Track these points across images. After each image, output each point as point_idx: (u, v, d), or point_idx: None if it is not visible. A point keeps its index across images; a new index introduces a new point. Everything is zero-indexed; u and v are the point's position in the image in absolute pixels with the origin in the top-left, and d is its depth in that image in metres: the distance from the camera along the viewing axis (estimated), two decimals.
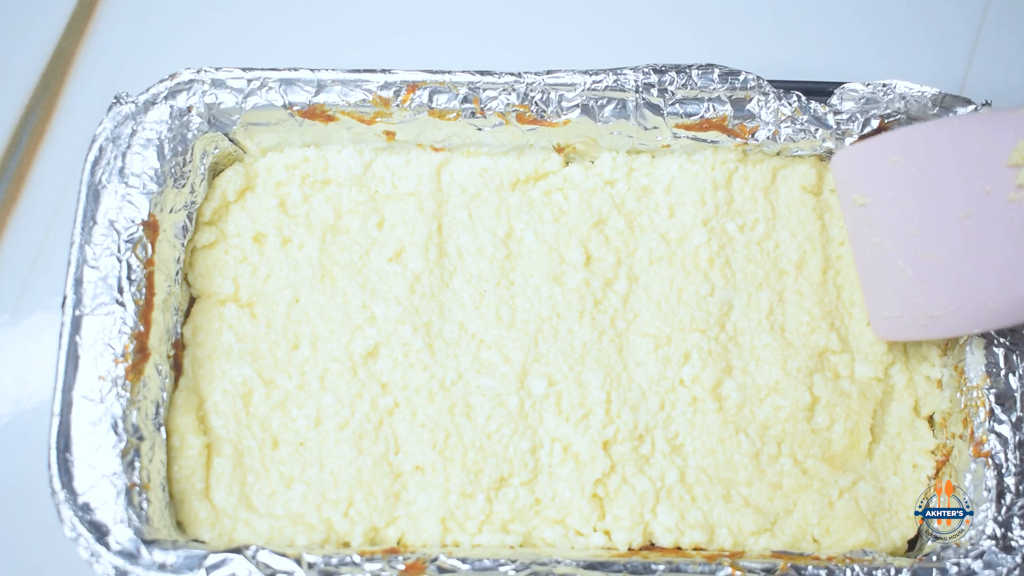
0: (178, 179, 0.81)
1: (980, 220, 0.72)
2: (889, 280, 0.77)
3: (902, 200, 0.76)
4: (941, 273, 0.74)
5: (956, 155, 0.73)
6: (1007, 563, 0.71)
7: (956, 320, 0.74)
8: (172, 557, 0.71)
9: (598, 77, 0.83)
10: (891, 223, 0.77)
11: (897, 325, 0.77)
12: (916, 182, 0.75)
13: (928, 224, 0.75)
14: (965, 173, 0.73)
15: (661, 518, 0.77)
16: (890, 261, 0.77)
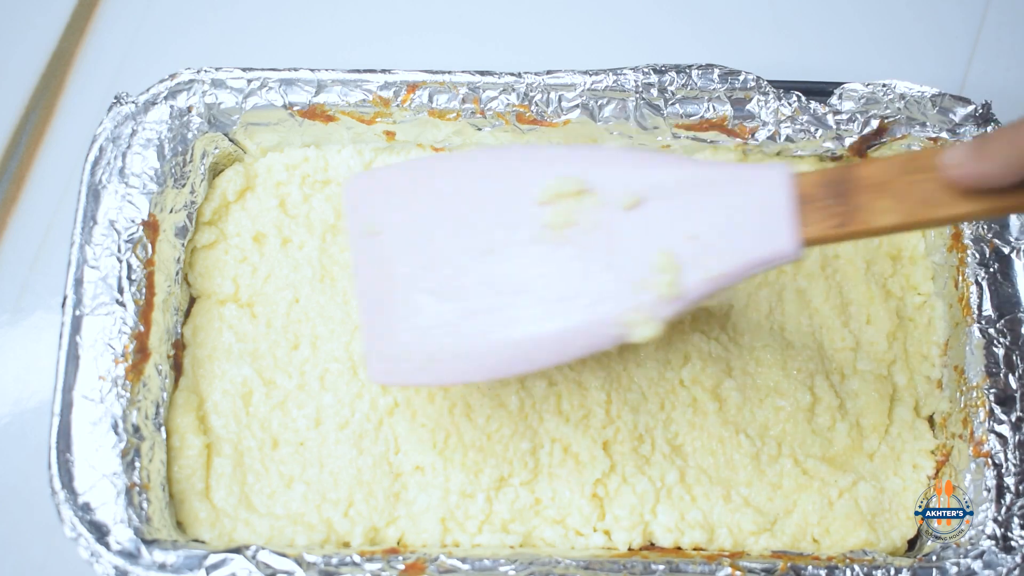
0: (178, 179, 0.81)
1: (501, 259, 0.67)
2: (394, 317, 0.68)
3: (419, 232, 0.69)
4: (451, 313, 0.67)
5: (483, 189, 0.68)
6: (1007, 563, 0.71)
7: (456, 365, 0.67)
8: (172, 557, 0.71)
9: (598, 77, 0.83)
10: (405, 256, 0.69)
11: (395, 369, 0.69)
12: (436, 214, 0.69)
13: (445, 259, 0.68)
14: (491, 208, 0.67)
15: (661, 518, 0.77)
16: (398, 297, 0.69)
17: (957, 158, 0.58)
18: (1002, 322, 0.77)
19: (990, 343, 0.77)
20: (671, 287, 0.62)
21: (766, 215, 0.62)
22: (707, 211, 0.63)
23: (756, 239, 0.62)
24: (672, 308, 0.63)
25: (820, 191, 0.62)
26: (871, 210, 0.60)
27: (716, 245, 0.62)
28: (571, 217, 0.65)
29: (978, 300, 0.78)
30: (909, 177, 0.60)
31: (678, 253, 0.63)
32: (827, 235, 0.61)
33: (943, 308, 0.83)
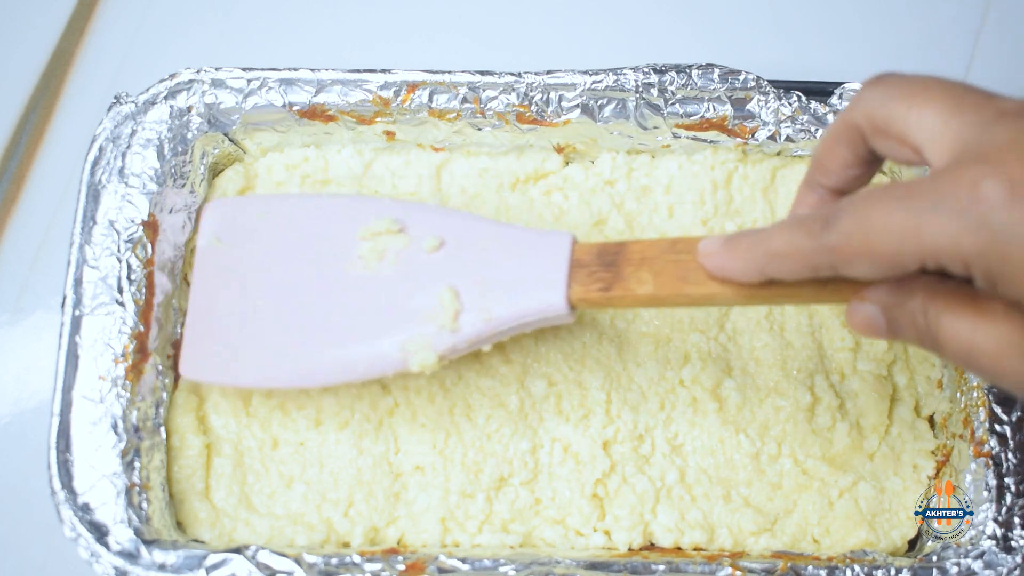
0: (178, 179, 0.81)
1: (317, 283, 0.75)
2: (216, 321, 0.77)
3: (256, 250, 0.78)
4: (265, 324, 0.76)
5: (319, 223, 0.78)
6: (1007, 563, 0.71)
7: (259, 371, 0.75)
8: (172, 557, 0.71)
9: (598, 77, 0.83)
10: (238, 270, 0.78)
11: (204, 367, 0.77)
12: (274, 240, 0.78)
13: (270, 279, 0.77)
14: (321, 240, 0.77)
15: (661, 518, 0.77)
16: (223, 306, 0.77)
17: (710, 247, 0.62)
18: None
19: None
20: (449, 321, 0.69)
21: (543, 273, 0.69)
22: (495, 263, 0.71)
23: (530, 293, 0.69)
24: (447, 342, 0.70)
25: (593, 259, 0.68)
26: (633, 279, 0.66)
27: (495, 292, 0.70)
28: (381, 253, 0.73)
29: None
30: (671, 256, 0.65)
31: (462, 293, 0.70)
32: (591, 297, 0.67)
33: None
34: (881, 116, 0.56)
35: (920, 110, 0.54)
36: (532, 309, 0.69)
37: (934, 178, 0.50)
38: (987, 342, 0.51)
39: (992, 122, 0.50)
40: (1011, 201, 0.47)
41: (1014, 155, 0.48)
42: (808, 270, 0.55)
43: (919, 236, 0.49)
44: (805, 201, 0.64)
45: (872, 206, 0.51)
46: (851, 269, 0.53)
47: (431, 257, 0.73)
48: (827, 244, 0.53)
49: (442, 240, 0.73)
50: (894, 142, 0.56)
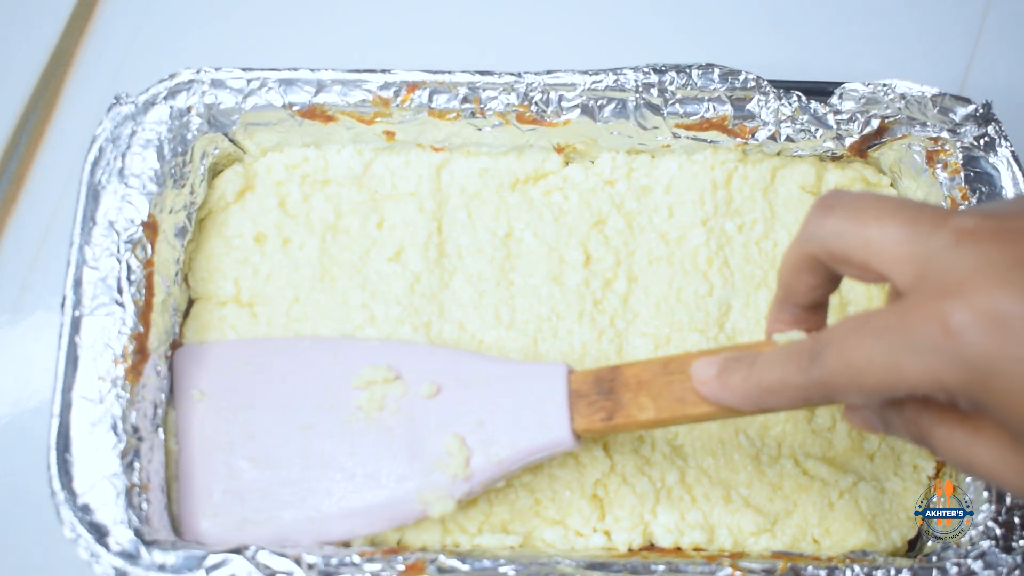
0: (178, 180, 0.81)
1: (318, 435, 0.75)
2: (214, 481, 0.76)
3: (245, 403, 0.77)
4: (269, 480, 0.75)
5: (306, 371, 0.78)
6: (1007, 563, 0.71)
7: (269, 529, 0.74)
8: (172, 558, 0.71)
9: (598, 77, 0.83)
10: (228, 424, 0.77)
11: (211, 529, 0.75)
12: (261, 389, 0.78)
13: (267, 430, 0.76)
14: (312, 389, 0.77)
15: (661, 519, 0.77)
16: (220, 462, 0.76)
17: (703, 374, 0.64)
18: None
19: None
20: (461, 469, 0.71)
21: (543, 407, 0.71)
22: (494, 402, 0.72)
23: (534, 429, 0.70)
24: (463, 488, 0.72)
25: (591, 388, 0.70)
26: (633, 406, 0.68)
27: (500, 433, 0.71)
28: (380, 402, 0.74)
29: None
30: (666, 378, 0.67)
31: (467, 438, 0.72)
32: (595, 427, 0.69)
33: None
34: (839, 248, 0.57)
35: (877, 237, 0.54)
36: (538, 446, 0.71)
37: (905, 312, 0.50)
38: (981, 456, 0.53)
39: (951, 247, 0.50)
40: (982, 334, 0.47)
41: (977, 284, 0.48)
42: (801, 401, 0.58)
43: (900, 373, 0.50)
44: (779, 319, 0.66)
45: (853, 343, 0.52)
46: (842, 398, 0.55)
47: (430, 403, 0.74)
48: (816, 380, 0.55)
49: (439, 385, 0.74)
50: (856, 270, 0.57)
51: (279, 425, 0.76)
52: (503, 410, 0.72)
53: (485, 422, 0.72)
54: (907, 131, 0.83)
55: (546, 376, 0.72)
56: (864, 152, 0.85)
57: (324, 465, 0.75)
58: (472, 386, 0.74)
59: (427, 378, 0.75)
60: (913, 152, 0.83)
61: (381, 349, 0.78)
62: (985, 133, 0.82)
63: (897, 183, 0.87)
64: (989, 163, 0.81)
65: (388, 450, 0.74)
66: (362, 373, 0.76)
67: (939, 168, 0.82)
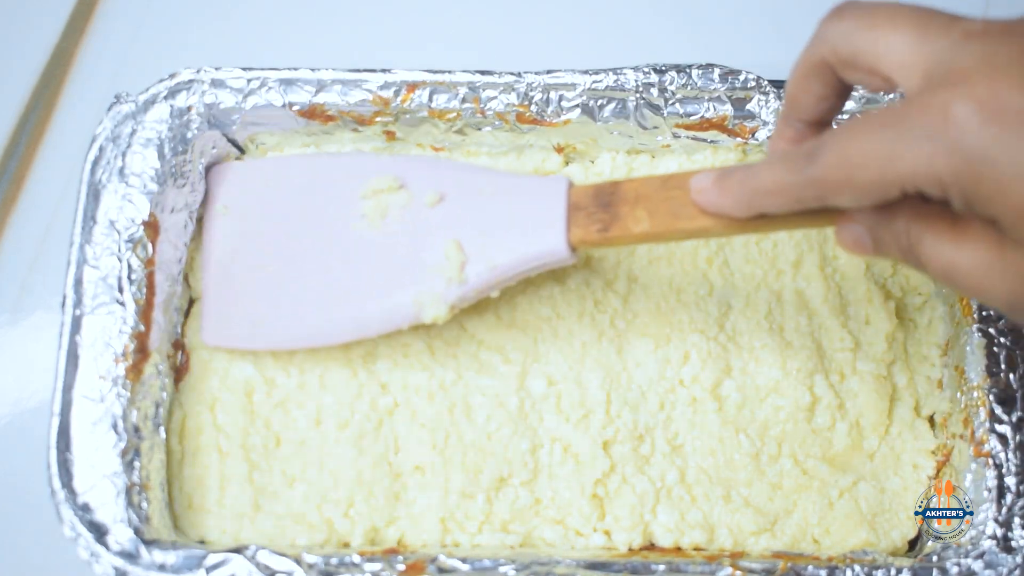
0: (178, 179, 0.81)
1: (327, 243, 0.78)
2: (231, 287, 0.79)
3: (263, 215, 0.81)
4: (281, 287, 0.78)
5: (322, 183, 0.80)
6: (1007, 563, 0.71)
7: (281, 333, 0.78)
8: (172, 557, 0.71)
9: (598, 77, 0.83)
10: (245, 234, 0.80)
11: (227, 333, 0.79)
12: (281, 202, 0.81)
13: (280, 242, 0.79)
14: (325, 201, 0.79)
15: (661, 518, 0.77)
16: (237, 271, 0.80)
17: (701, 183, 0.64)
18: (1003, 322, 0.77)
19: (991, 343, 0.77)
20: (457, 273, 0.72)
21: (542, 218, 0.71)
22: (495, 211, 0.73)
23: (531, 238, 0.71)
24: (456, 293, 0.73)
25: (590, 201, 0.70)
26: (630, 219, 0.68)
27: (498, 241, 0.72)
28: (384, 210, 0.76)
29: None
30: (664, 193, 0.67)
31: (465, 244, 0.72)
32: (591, 238, 0.69)
33: (943, 309, 0.83)
34: (848, 50, 0.57)
35: (887, 40, 0.55)
36: (534, 254, 0.71)
37: (907, 104, 0.51)
38: (965, 262, 0.53)
39: (959, 44, 0.52)
40: (981, 122, 0.48)
41: (981, 76, 0.49)
42: (795, 203, 0.57)
43: (896, 163, 0.51)
44: (783, 136, 0.66)
45: (851, 138, 0.53)
46: (836, 199, 0.55)
47: (433, 211, 0.75)
48: (811, 178, 0.55)
49: (442, 194, 0.75)
50: (864, 74, 0.58)
51: (292, 236, 0.79)
52: (503, 220, 0.73)
53: (485, 231, 0.73)
54: None
55: (547, 188, 0.72)
56: None
57: (329, 271, 0.77)
58: (475, 196, 0.74)
59: (431, 187, 0.75)
60: None
61: (390, 161, 0.80)
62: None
63: None
64: None
65: (387, 257, 0.75)
66: (370, 183, 0.77)
67: None
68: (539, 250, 0.71)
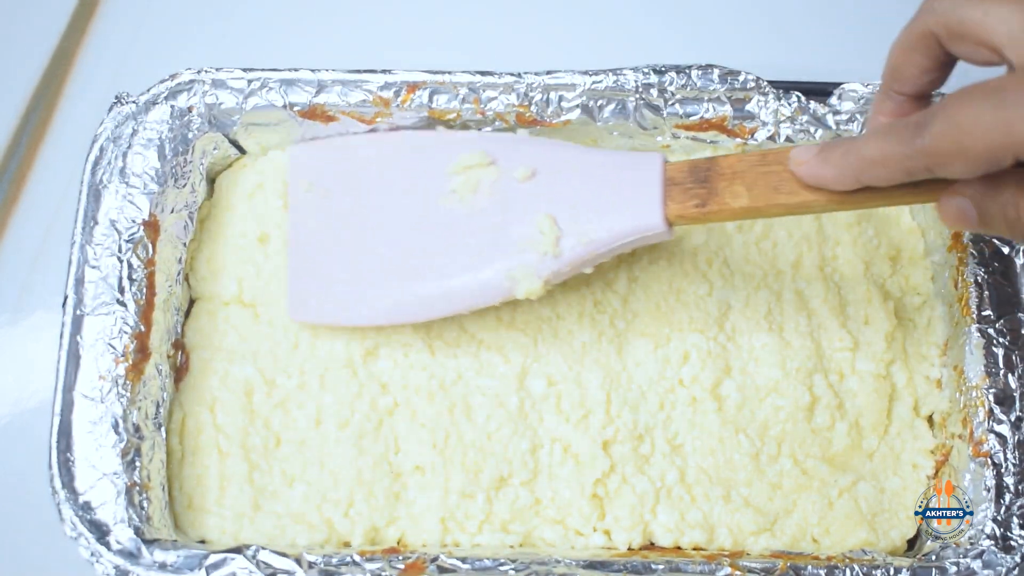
0: (179, 179, 0.81)
1: (416, 218, 0.78)
2: (318, 265, 0.80)
3: (350, 193, 0.81)
4: (371, 261, 0.78)
5: (407, 161, 0.80)
6: (1007, 563, 0.71)
7: (374, 307, 0.78)
8: (172, 557, 0.71)
9: (598, 77, 0.83)
10: (334, 213, 0.81)
11: (316, 308, 0.79)
12: (366, 179, 0.81)
13: (368, 218, 0.79)
14: (412, 177, 0.79)
15: (661, 518, 0.77)
16: (324, 248, 0.80)
17: (802, 156, 0.64)
18: (1001, 322, 0.78)
19: (990, 343, 0.77)
20: (552, 247, 0.71)
21: (638, 193, 0.71)
22: (588, 187, 0.72)
23: (627, 213, 0.71)
24: (551, 267, 0.72)
25: (686, 176, 0.70)
26: (727, 193, 0.68)
27: (592, 215, 0.72)
28: (475, 185, 0.76)
29: (978, 300, 0.78)
30: (762, 168, 0.67)
31: (559, 219, 0.72)
32: (688, 213, 0.69)
33: (943, 309, 0.83)
34: (955, 21, 0.58)
35: (997, 11, 0.55)
36: (631, 229, 0.71)
37: (1019, 75, 0.52)
38: None
39: None
40: None
41: None
42: (903, 174, 0.57)
43: (1010, 131, 0.51)
44: (883, 109, 0.66)
45: (962, 107, 0.53)
46: (946, 170, 0.55)
47: (524, 186, 0.75)
48: (921, 148, 0.55)
49: (534, 169, 0.75)
50: (971, 45, 0.58)
51: (380, 212, 0.79)
52: (597, 194, 0.73)
53: (578, 205, 0.73)
54: None
55: (642, 164, 0.72)
56: None
57: (418, 246, 0.77)
58: (567, 171, 0.75)
59: (523, 163, 0.76)
60: None
61: (477, 137, 0.80)
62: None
63: None
64: None
65: (477, 231, 0.75)
66: (459, 159, 0.77)
67: None
68: (635, 225, 0.71)
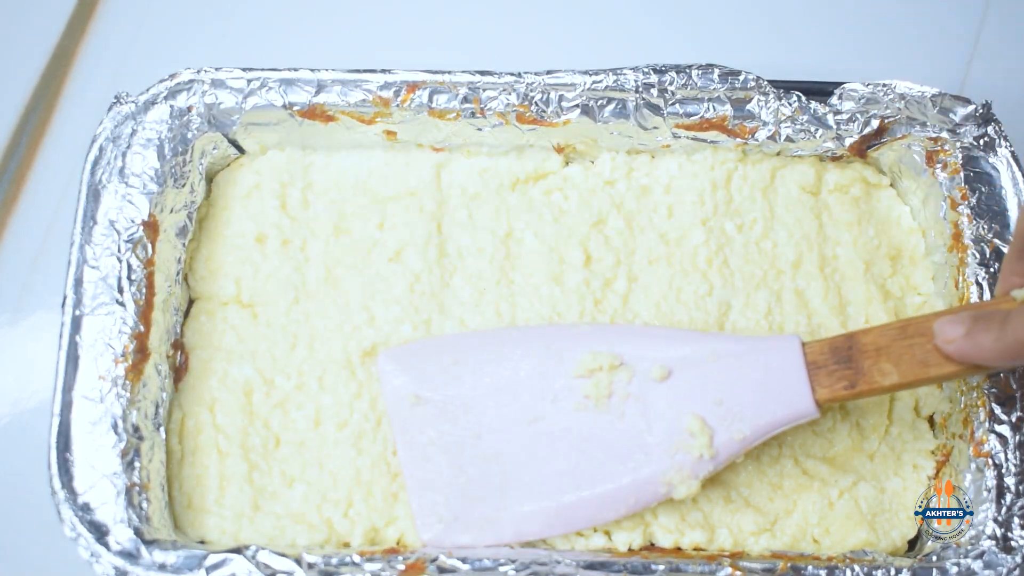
0: (178, 179, 0.81)
1: (547, 426, 0.75)
2: (444, 483, 0.76)
3: (465, 402, 0.77)
4: (503, 475, 0.75)
5: (521, 364, 0.77)
6: (1007, 563, 0.71)
7: (511, 524, 0.75)
8: (172, 557, 0.71)
9: (598, 77, 0.83)
10: (450, 424, 0.77)
11: (449, 529, 0.75)
12: (477, 385, 0.77)
13: (493, 427, 0.76)
14: (531, 381, 0.77)
15: (661, 519, 0.77)
16: (447, 463, 0.76)
17: (949, 333, 0.66)
18: None
19: None
20: (706, 448, 0.72)
21: (783, 381, 0.71)
22: (730, 379, 0.73)
23: (776, 403, 0.72)
24: (707, 468, 0.73)
25: (828, 358, 0.71)
26: (875, 372, 0.70)
27: (740, 409, 0.72)
28: (608, 388, 0.74)
29: (978, 300, 0.78)
30: (906, 341, 0.69)
31: (707, 418, 0.72)
32: (838, 395, 0.71)
33: (943, 309, 0.83)
34: None
35: None
36: (782, 419, 0.72)
37: None
38: None
39: None
40: None
41: None
42: None
43: None
44: (1015, 271, 0.67)
45: None
46: None
47: (662, 386, 0.75)
48: None
49: (668, 368, 0.75)
50: None
51: (503, 420, 0.76)
52: (740, 386, 0.73)
53: (724, 400, 0.73)
54: (907, 131, 0.83)
55: (780, 350, 0.73)
56: (864, 152, 0.85)
57: (558, 456, 0.75)
58: (703, 365, 0.74)
59: (655, 362, 0.75)
60: (913, 152, 0.83)
61: (598, 333, 0.78)
62: (985, 133, 0.82)
63: (897, 183, 0.87)
64: (989, 163, 0.81)
65: (624, 436, 0.74)
66: (582, 360, 0.76)
67: (939, 168, 0.82)
68: (788, 415, 0.72)
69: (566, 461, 0.75)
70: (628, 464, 0.74)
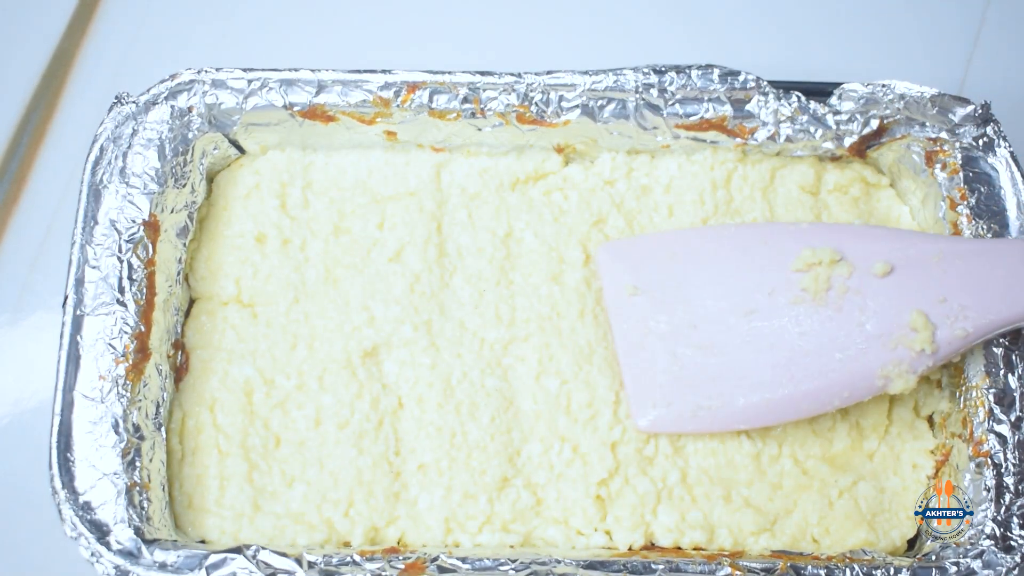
0: (179, 179, 0.81)
1: (763, 319, 0.77)
2: (660, 370, 0.77)
3: (682, 294, 0.79)
4: (718, 366, 0.77)
5: (739, 258, 0.78)
6: (1006, 563, 0.71)
7: (725, 413, 0.76)
8: (172, 557, 0.71)
9: (598, 77, 0.83)
10: (667, 315, 0.78)
11: (664, 416, 0.77)
12: (695, 279, 0.79)
13: (709, 318, 0.78)
14: (749, 275, 0.78)
15: (662, 518, 0.77)
16: (662, 351, 0.78)
17: None
18: None
19: (989, 344, 0.77)
20: (928, 344, 0.72)
21: (1007, 282, 0.72)
22: (953, 278, 0.73)
23: (1001, 303, 0.72)
24: (927, 363, 0.73)
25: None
26: None
27: (964, 308, 0.72)
28: (827, 282, 0.75)
29: None
30: None
31: (930, 314, 0.73)
32: None
33: None
34: None
35: None
36: (1007, 319, 0.73)
37: None
38: None
39: None
40: None
41: None
42: None
43: None
44: None
45: None
46: None
47: (883, 282, 0.75)
48: None
49: (891, 264, 0.75)
50: None
51: (720, 312, 0.78)
52: (964, 285, 0.73)
53: (947, 298, 0.73)
54: (906, 131, 0.83)
55: (1006, 252, 0.73)
56: (863, 152, 0.85)
57: (774, 348, 0.76)
58: (926, 263, 0.75)
59: (878, 258, 0.75)
60: (912, 152, 0.83)
61: (817, 230, 0.79)
62: (984, 133, 0.82)
63: (896, 183, 0.87)
64: (988, 163, 0.81)
65: (841, 329, 0.75)
66: (802, 255, 0.77)
67: (938, 168, 0.82)
68: (1012, 315, 0.72)
69: (782, 353, 0.76)
70: (844, 357, 0.74)
